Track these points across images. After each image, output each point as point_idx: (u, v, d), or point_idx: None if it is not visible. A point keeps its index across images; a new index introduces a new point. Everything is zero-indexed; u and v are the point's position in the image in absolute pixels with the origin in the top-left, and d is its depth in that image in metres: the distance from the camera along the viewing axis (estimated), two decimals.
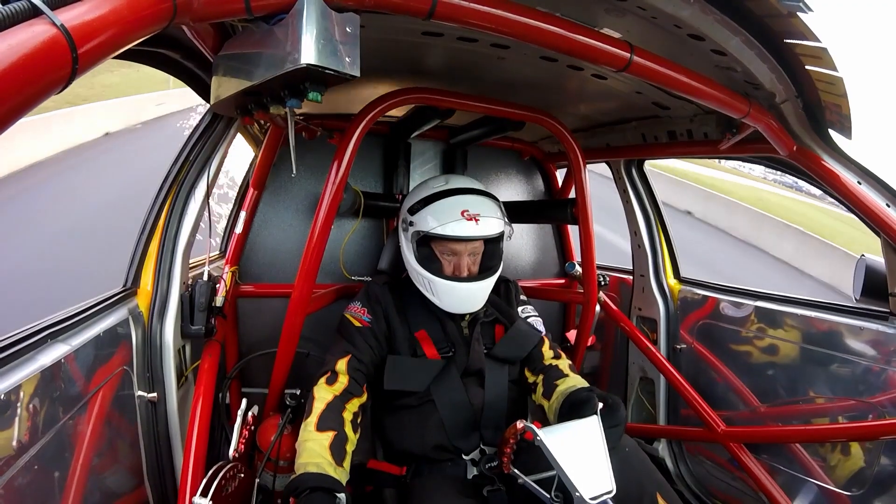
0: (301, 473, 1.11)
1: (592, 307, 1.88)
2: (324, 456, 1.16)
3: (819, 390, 1.59)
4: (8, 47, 0.41)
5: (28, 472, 0.85)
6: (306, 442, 1.19)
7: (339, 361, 1.34)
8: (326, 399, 1.27)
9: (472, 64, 1.36)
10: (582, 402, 1.21)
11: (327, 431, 1.20)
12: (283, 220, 2.04)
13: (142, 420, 1.28)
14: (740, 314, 1.84)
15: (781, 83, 1.10)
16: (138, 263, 1.36)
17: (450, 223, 1.35)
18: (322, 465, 1.14)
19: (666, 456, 2.08)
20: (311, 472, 1.11)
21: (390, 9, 0.76)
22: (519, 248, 2.42)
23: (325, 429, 1.21)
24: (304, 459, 1.15)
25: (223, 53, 0.93)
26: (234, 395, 1.89)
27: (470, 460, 1.36)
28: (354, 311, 1.45)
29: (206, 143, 1.42)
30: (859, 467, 1.46)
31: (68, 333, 1.03)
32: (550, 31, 0.85)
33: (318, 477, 1.10)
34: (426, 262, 1.41)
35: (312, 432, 1.21)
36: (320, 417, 1.23)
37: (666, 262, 2.15)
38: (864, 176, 1.31)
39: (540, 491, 1.07)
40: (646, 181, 2.14)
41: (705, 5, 0.86)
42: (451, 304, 1.41)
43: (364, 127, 1.30)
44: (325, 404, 1.26)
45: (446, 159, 2.25)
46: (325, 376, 1.32)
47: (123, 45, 0.52)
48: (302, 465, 1.14)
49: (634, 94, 1.45)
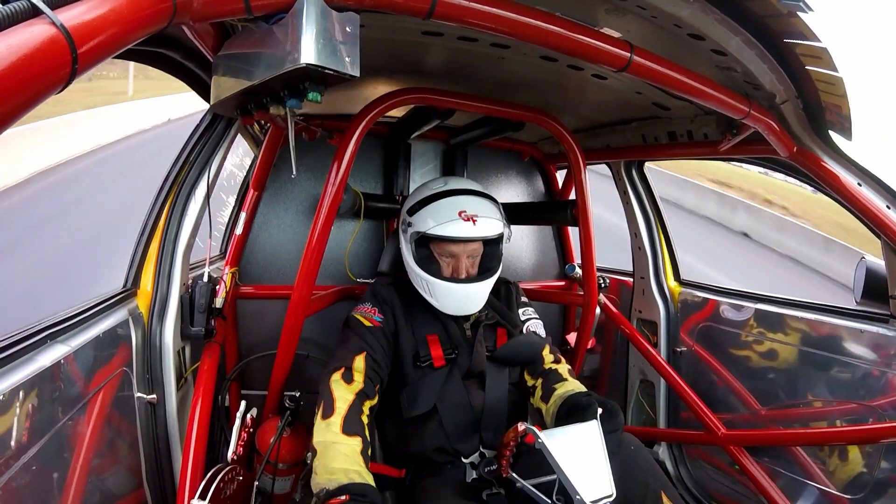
0: (345, 483, 1.00)
1: (592, 309, 1.88)
2: (359, 463, 1.08)
3: (819, 393, 1.58)
4: (8, 47, 0.41)
5: (27, 473, 0.85)
6: (336, 444, 1.10)
7: (355, 358, 1.28)
8: (348, 400, 1.20)
9: (472, 64, 1.36)
10: (582, 406, 1.20)
11: (355, 436, 1.13)
12: (283, 221, 2.03)
13: (141, 421, 1.28)
14: (741, 317, 1.84)
15: (782, 83, 1.10)
16: (138, 264, 1.36)
17: (447, 223, 1.34)
18: (361, 472, 1.06)
19: (666, 459, 2.07)
20: (356, 482, 1.02)
21: (390, 8, 0.76)
22: (519, 250, 2.41)
23: (352, 433, 1.13)
24: (339, 465, 1.06)
25: (223, 53, 0.93)
26: (234, 396, 1.89)
27: (469, 463, 1.35)
28: (365, 311, 1.41)
29: (206, 144, 1.42)
30: (860, 470, 1.45)
31: (68, 334, 1.03)
32: (550, 30, 0.85)
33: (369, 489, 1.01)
34: (425, 263, 1.41)
35: (339, 434, 1.12)
36: (345, 420, 1.15)
37: (666, 265, 2.14)
38: (865, 177, 1.31)
39: (539, 495, 1.07)
40: (646, 182, 2.14)
41: (705, 5, 0.86)
42: (449, 305, 1.41)
43: (364, 127, 1.30)
44: (347, 405, 1.18)
45: (446, 160, 2.25)
46: (339, 371, 1.24)
47: (123, 45, 0.52)
48: (339, 471, 1.04)
49: (634, 94, 1.45)
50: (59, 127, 9.90)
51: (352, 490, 0.99)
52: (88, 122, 11.26)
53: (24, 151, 8.45)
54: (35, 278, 5.19)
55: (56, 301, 3.10)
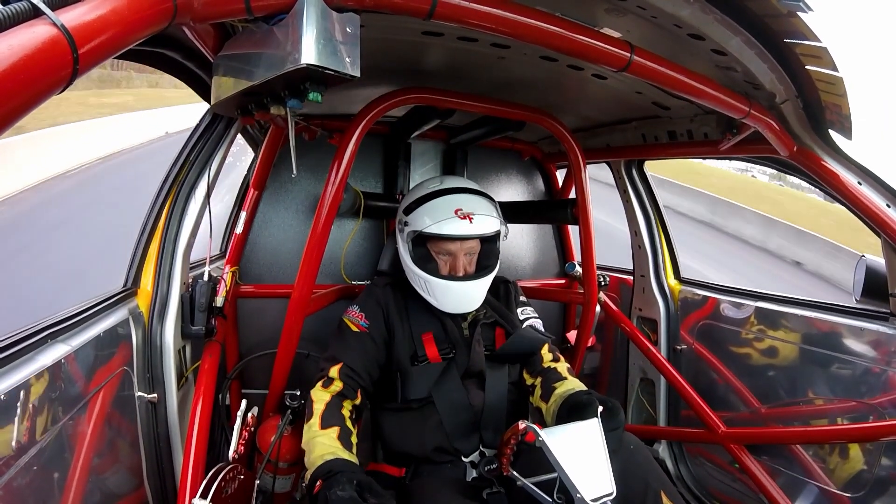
0: (321, 464, 1.13)
1: (593, 308, 1.88)
2: (335, 446, 1.19)
3: (819, 391, 1.58)
4: (8, 48, 0.41)
5: (28, 473, 0.85)
6: (314, 439, 1.22)
7: (331, 368, 1.36)
8: (325, 399, 1.30)
9: (472, 64, 1.36)
10: (582, 404, 1.20)
11: (332, 427, 1.23)
12: (283, 220, 2.04)
13: (142, 421, 1.28)
14: (741, 315, 1.84)
15: (782, 83, 1.10)
16: (138, 264, 1.36)
17: (443, 221, 1.35)
18: (336, 452, 1.17)
19: (666, 457, 2.08)
20: (329, 460, 1.14)
21: (390, 9, 0.76)
22: (519, 249, 2.41)
23: (329, 425, 1.24)
24: (318, 453, 1.17)
25: (223, 54, 0.93)
26: (234, 395, 1.89)
27: (469, 462, 1.35)
28: (352, 316, 1.46)
29: (206, 144, 1.42)
30: (860, 468, 1.45)
31: (68, 334, 1.03)
32: (550, 30, 0.85)
33: (341, 462, 1.13)
34: (422, 262, 1.41)
35: (318, 430, 1.23)
36: (322, 417, 1.26)
37: (666, 263, 2.14)
38: (865, 176, 1.31)
39: (539, 493, 1.07)
40: (646, 181, 2.14)
41: (705, 5, 0.86)
42: (447, 303, 1.41)
43: (364, 127, 1.30)
44: (324, 405, 1.28)
45: (446, 159, 2.25)
46: (321, 381, 1.35)
47: (124, 46, 0.52)
48: (318, 458, 1.16)
49: (634, 94, 1.45)
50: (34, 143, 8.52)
51: (328, 468, 1.10)
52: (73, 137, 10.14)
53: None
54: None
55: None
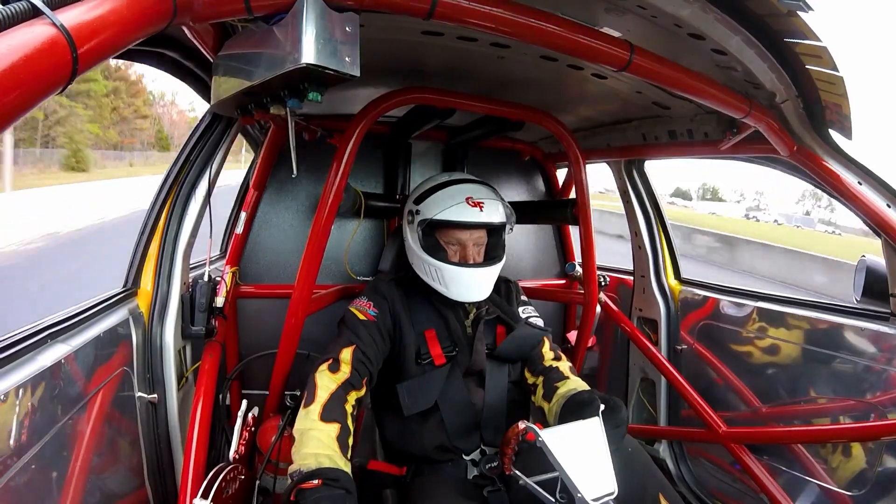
0: (314, 468, 1.01)
1: (593, 308, 1.88)
2: (333, 448, 1.08)
3: (820, 391, 1.58)
4: (8, 48, 0.41)
5: (28, 473, 0.85)
6: (311, 430, 1.10)
7: (343, 350, 1.27)
8: (330, 388, 1.20)
9: (471, 64, 1.36)
10: (584, 403, 1.20)
11: (333, 423, 1.13)
12: (283, 220, 2.04)
13: (142, 421, 1.28)
14: (741, 314, 1.84)
15: (782, 83, 1.10)
16: (138, 264, 1.36)
17: (454, 207, 1.36)
18: (333, 458, 1.06)
19: (667, 457, 2.08)
20: (324, 466, 1.02)
21: (390, 8, 0.76)
22: (519, 249, 2.41)
23: (331, 420, 1.13)
24: (312, 449, 1.06)
25: (223, 53, 0.93)
26: (235, 396, 1.89)
27: (470, 461, 1.35)
28: (360, 305, 1.41)
29: (206, 144, 1.43)
30: (861, 467, 1.45)
31: (68, 334, 1.03)
32: (550, 30, 0.85)
33: (335, 472, 1.02)
34: (432, 251, 1.41)
35: (317, 421, 1.12)
36: (325, 407, 1.15)
37: (666, 263, 2.14)
38: (865, 176, 1.31)
39: (541, 492, 1.07)
40: (646, 181, 2.14)
41: (705, 4, 0.86)
42: (458, 291, 1.40)
43: (364, 127, 1.30)
44: (329, 394, 1.18)
45: (447, 159, 2.25)
46: (327, 363, 1.25)
47: (123, 45, 0.52)
48: (311, 455, 1.04)
49: (635, 93, 1.45)
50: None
51: (322, 475, 0.99)
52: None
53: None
54: None
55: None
